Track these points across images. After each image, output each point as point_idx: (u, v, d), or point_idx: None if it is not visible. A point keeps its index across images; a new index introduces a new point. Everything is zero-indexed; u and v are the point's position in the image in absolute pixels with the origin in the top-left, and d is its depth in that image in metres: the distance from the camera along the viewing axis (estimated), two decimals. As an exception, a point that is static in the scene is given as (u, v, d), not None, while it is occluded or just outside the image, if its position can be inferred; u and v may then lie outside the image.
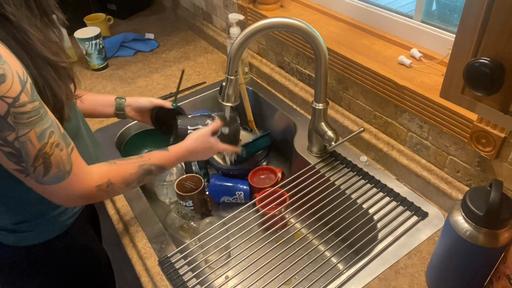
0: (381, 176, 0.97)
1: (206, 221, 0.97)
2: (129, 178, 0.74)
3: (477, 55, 0.42)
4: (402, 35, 0.99)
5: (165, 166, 0.82)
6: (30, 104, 0.57)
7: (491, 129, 0.72)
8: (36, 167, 0.60)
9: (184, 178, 1.07)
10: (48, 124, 0.60)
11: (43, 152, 0.60)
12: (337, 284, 0.76)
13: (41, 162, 0.60)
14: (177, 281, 0.78)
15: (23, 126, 0.57)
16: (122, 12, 1.86)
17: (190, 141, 0.88)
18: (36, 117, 0.58)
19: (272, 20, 0.82)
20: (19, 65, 0.56)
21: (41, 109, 0.59)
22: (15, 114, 0.55)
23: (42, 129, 0.59)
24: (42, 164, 0.60)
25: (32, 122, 0.57)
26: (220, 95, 0.89)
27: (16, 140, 0.57)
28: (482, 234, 0.61)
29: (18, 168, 0.60)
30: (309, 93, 1.19)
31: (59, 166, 0.62)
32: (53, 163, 0.61)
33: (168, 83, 1.39)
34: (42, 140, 0.59)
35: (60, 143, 0.62)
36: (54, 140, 0.61)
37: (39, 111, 0.58)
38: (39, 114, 0.58)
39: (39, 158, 0.60)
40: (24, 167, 0.60)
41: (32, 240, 0.79)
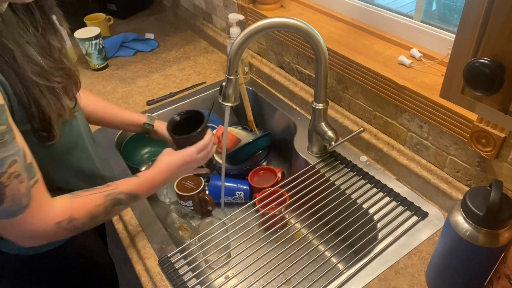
0: (381, 176, 0.97)
1: (206, 221, 0.97)
2: (94, 210, 0.68)
3: (477, 55, 0.42)
4: (402, 35, 0.99)
5: (136, 193, 0.75)
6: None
7: (491, 129, 0.72)
8: None
9: (184, 178, 1.07)
10: (11, 152, 0.54)
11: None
12: (337, 284, 0.76)
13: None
14: (177, 281, 0.78)
15: None
16: (122, 12, 1.86)
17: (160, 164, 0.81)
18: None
19: (272, 20, 0.82)
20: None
21: (7, 135, 0.54)
22: None
23: (3, 156, 0.53)
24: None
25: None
26: (220, 95, 0.89)
27: None
28: (482, 234, 0.61)
29: None
30: (309, 93, 1.19)
31: (14, 199, 0.56)
32: (7, 195, 0.55)
33: (168, 83, 1.39)
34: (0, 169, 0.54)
35: (21, 174, 0.56)
36: (15, 170, 0.55)
37: (3, 137, 0.53)
38: (2, 140, 0.53)
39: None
40: None
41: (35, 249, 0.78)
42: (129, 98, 1.33)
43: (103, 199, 0.69)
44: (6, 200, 0.55)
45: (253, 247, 0.83)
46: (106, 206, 0.69)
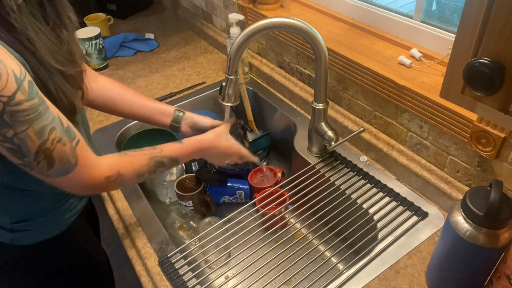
0: (381, 176, 0.97)
1: (206, 221, 0.97)
2: (139, 170, 0.74)
3: (477, 55, 0.42)
4: (402, 35, 0.99)
5: (178, 158, 0.81)
6: (27, 103, 0.56)
7: (491, 129, 0.72)
8: (38, 162, 0.61)
9: (184, 178, 1.07)
10: (48, 121, 0.60)
11: (43, 148, 0.60)
12: (337, 284, 0.76)
13: (43, 157, 0.61)
14: (177, 281, 0.78)
15: (21, 123, 0.57)
16: (122, 12, 1.86)
17: (207, 136, 0.86)
18: (34, 114, 0.57)
19: (272, 20, 0.82)
20: (16, 64, 0.56)
21: (40, 106, 0.58)
22: (11, 112, 0.55)
23: (41, 126, 0.59)
24: (45, 159, 0.61)
25: (30, 120, 0.57)
26: (220, 95, 0.89)
27: (14, 136, 0.57)
28: (482, 234, 0.61)
29: (21, 162, 0.61)
30: (309, 93, 1.19)
31: (62, 160, 0.63)
32: (56, 158, 0.62)
33: (168, 83, 1.39)
34: (41, 137, 0.59)
35: (62, 139, 0.62)
36: (56, 136, 0.61)
37: (38, 108, 0.58)
38: (38, 111, 0.58)
39: (40, 154, 0.60)
40: (27, 162, 0.61)
41: (30, 239, 0.79)
42: (129, 98, 1.33)
43: (148, 160, 0.75)
44: (56, 162, 0.62)
45: (253, 247, 0.83)
46: (150, 166, 0.75)
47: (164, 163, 0.78)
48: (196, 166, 1.16)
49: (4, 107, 0.55)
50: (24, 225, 0.77)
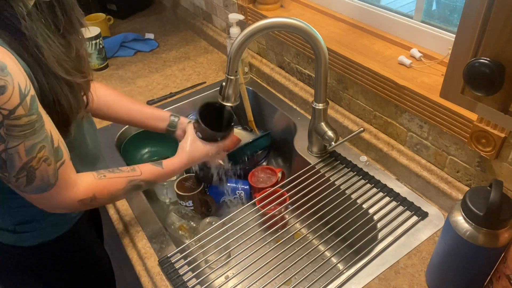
0: (381, 176, 0.97)
1: (206, 221, 0.97)
2: (115, 193, 0.74)
3: (477, 55, 0.42)
4: (402, 35, 0.99)
5: (156, 181, 0.82)
6: (26, 118, 0.56)
7: (491, 129, 0.72)
8: (18, 178, 0.60)
9: (184, 178, 1.07)
10: (40, 139, 0.59)
11: (29, 165, 0.59)
12: (337, 284, 0.76)
13: (24, 174, 0.60)
14: (177, 281, 0.78)
15: (14, 138, 0.56)
16: (122, 12, 1.86)
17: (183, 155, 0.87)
18: (28, 130, 0.57)
19: (272, 20, 0.82)
20: (23, 78, 0.56)
21: (37, 123, 0.58)
22: (8, 126, 0.55)
23: (33, 143, 0.58)
24: (25, 176, 0.60)
25: (24, 136, 0.57)
26: (220, 95, 0.89)
27: (4, 151, 0.57)
28: (482, 234, 0.61)
29: (0, 175, 0.60)
30: (309, 93, 1.19)
31: (43, 179, 0.62)
32: (37, 176, 0.61)
33: (168, 83, 1.39)
34: (30, 154, 0.59)
35: (48, 158, 0.61)
36: (43, 155, 0.60)
37: (34, 125, 0.58)
38: (33, 128, 0.58)
39: (23, 171, 0.60)
40: (6, 176, 0.60)
41: (32, 240, 0.79)
42: (129, 98, 1.33)
43: (125, 184, 0.75)
44: (36, 180, 0.62)
45: (253, 247, 0.83)
46: (126, 190, 0.76)
47: (141, 186, 0.79)
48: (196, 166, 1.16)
49: (3, 120, 0.54)
50: (26, 227, 0.77)
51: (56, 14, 0.62)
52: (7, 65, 0.54)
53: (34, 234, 0.79)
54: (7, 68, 0.54)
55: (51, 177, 0.63)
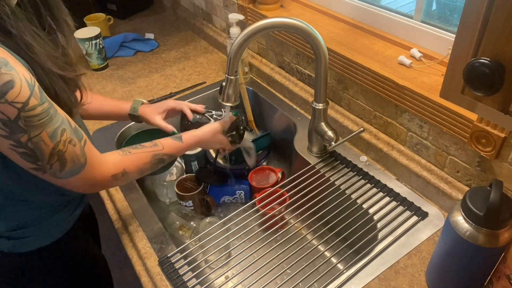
0: (381, 176, 0.97)
1: (206, 221, 0.98)
2: (143, 167, 0.77)
3: (477, 55, 0.42)
4: (402, 35, 0.99)
5: (177, 155, 0.85)
6: (40, 107, 0.58)
7: (491, 129, 0.72)
8: (52, 164, 0.62)
9: (184, 178, 1.07)
10: (59, 123, 0.61)
11: (57, 150, 0.61)
12: (337, 284, 0.76)
13: (56, 159, 0.62)
14: (177, 281, 0.78)
15: (35, 128, 0.58)
16: (122, 12, 1.86)
17: (203, 132, 0.91)
18: (46, 118, 0.59)
19: (272, 20, 0.82)
20: (26, 70, 0.57)
21: (51, 109, 0.60)
22: (26, 118, 0.57)
23: (53, 128, 0.60)
24: (58, 161, 0.62)
25: (43, 124, 0.59)
26: (220, 95, 0.89)
27: (29, 141, 0.58)
28: (482, 234, 0.61)
29: (34, 166, 0.62)
30: (309, 93, 1.19)
31: (74, 161, 0.64)
32: (68, 159, 0.63)
33: (168, 83, 1.39)
34: (54, 139, 0.61)
35: (72, 139, 0.63)
36: (67, 137, 0.62)
37: (49, 112, 0.59)
38: (49, 115, 0.59)
39: (54, 156, 0.61)
40: (40, 166, 0.62)
41: (28, 246, 0.78)
42: (129, 98, 1.33)
43: (150, 158, 0.79)
44: (68, 163, 0.64)
45: (253, 247, 0.83)
46: (152, 163, 0.79)
47: (165, 160, 0.82)
48: (196, 166, 1.16)
49: (19, 113, 0.56)
50: (21, 232, 0.76)
51: (40, 12, 0.62)
52: (8, 60, 0.55)
53: (30, 240, 0.78)
54: (9, 63, 0.55)
55: (80, 157, 0.65)
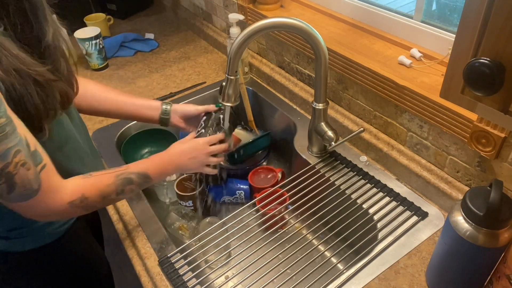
0: (381, 176, 0.97)
1: (206, 221, 0.98)
2: (105, 190, 0.71)
3: (477, 55, 0.42)
4: (402, 35, 0.99)
5: (147, 173, 0.77)
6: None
7: (491, 129, 0.72)
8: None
9: (184, 178, 1.07)
10: (13, 143, 0.57)
11: (6, 171, 0.57)
12: (337, 284, 0.76)
13: (3, 181, 0.58)
14: (177, 281, 0.78)
15: None
16: (122, 12, 1.86)
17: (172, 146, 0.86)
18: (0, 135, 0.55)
19: (272, 20, 0.82)
20: None
21: (7, 127, 0.56)
22: None
23: (6, 147, 0.56)
24: (5, 183, 0.58)
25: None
26: (220, 95, 0.89)
27: None
28: (482, 234, 0.61)
29: None
30: (309, 93, 1.19)
31: (24, 185, 0.60)
32: (17, 183, 0.59)
33: (168, 83, 1.39)
34: (4, 160, 0.57)
35: (27, 162, 0.59)
36: (20, 159, 0.58)
37: (4, 129, 0.55)
38: (4, 132, 0.55)
39: (1, 177, 0.58)
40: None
41: (27, 246, 0.78)
42: (129, 98, 1.33)
43: (113, 178, 0.73)
44: (17, 187, 0.60)
45: (253, 247, 0.83)
46: (117, 185, 0.73)
47: (132, 179, 0.75)
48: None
49: None
50: (19, 232, 0.76)
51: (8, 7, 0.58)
52: None
53: (28, 239, 0.77)
54: None
55: (33, 182, 0.61)
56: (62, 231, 0.82)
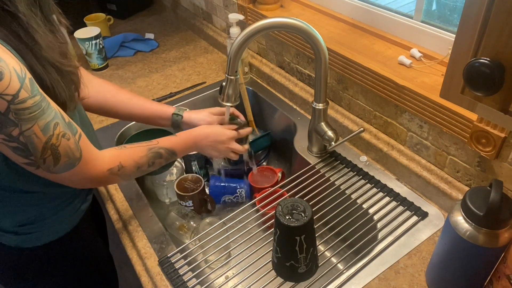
0: (381, 176, 0.97)
1: (206, 221, 0.97)
2: (139, 161, 0.76)
3: (477, 55, 0.42)
4: (402, 35, 0.99)
5: (174, 149, 0.82)
6: (31, 100, 0.57)
7: (491, 129, 0.72)
8: (45, 159, 0.61)
9: (184, 178, 1.07)
10: (51, 117, 0.60)
11: (50, 144, 0.61)
12: (337, 284, 0.76)
13: (49, 153, 0.61)
14: (177, 281, 0.78)
15: (26, 121, 0.57)
16: (122, 12, 1.86)
17: (200, 127, 0.89)
18: (37, 111, 0.58)
19: (272, 20, 0.82)
20: (16, 62, 0.56)
21: (43, 103, 0.59)
22: (16, 111, 0.56)
23: (45, 122, 0.59)
24: (51, 155, 0.61)
25: (35, 117, 0.58)
26: (220, 95, 0.89)
27: (20, 135, 0.58)
28: (482, 234, 0.61)
29: (27, 161, 0.61)
30: (309, 93, 1.19)
31: (68, 155, 0.64)
32: (61, 153, 0.62)
33: (168, 83, 1.39)
34: (47, 133, 0.60)
35: (66, 133, 0.63)
36: (60, 131, 0.61)
37: (41, 105, 0.58)
38: (41, 108, 0.58)
39: (47, 150, 0.61)
40: (33, 160, 0.61)
41: (34, 242, 0.79)
42: (129, 98, 1.33)
43: (146, 151, 0.77)
44: (62, 157, 0.63)
45: (253, 247, 0.83)
46: (149, 157, 0.78)
47: (162, 154, 0.80)
48: (196, 166, 1.16)
49: (9, 105, 0.55)
50: (28, 228, 0.77)
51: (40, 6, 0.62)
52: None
53: (37, 235, 0.78)
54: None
55: (75, 151, 0.64)
56: (71, 226, 0.83)
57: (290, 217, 0.67)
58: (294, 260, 0.71)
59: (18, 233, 0.77)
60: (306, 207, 0.68)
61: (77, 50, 1.52)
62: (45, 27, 0.63)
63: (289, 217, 0.67)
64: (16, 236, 0.77)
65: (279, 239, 0.70)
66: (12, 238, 0.77)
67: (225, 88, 0.88)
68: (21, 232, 0.77)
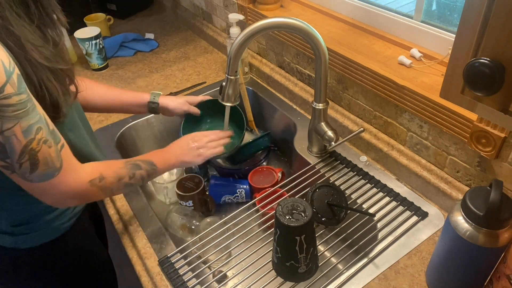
0: (381, 176, 0.97)
1: (206, 221, 0.98)
2: (119, 172, 0.74)
3: (477, 55, 0.42)
4: (402, 35, 0.99)
5: (151, 160, 0.81)
6: (16, 97, 0.54)
7: (491, 129, 0.72)
8: (21, 163, 0.58)
9: (184, 178, 1.07)
10: (35, 120, 0.57)
11: (29, 148, 0.57)
12: (337, 284, 0.76)
13: (27, 158, 0.58)
14: (177, 281, 0.78)
15: (8, 119, 0.54)
16: (122, 12, 1.86)
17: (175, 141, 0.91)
18: (22, 110, 0.55)
19: (272, 20, 0.82)
20: (5, 55, 0.54)
21: (28, 103, 0.56)
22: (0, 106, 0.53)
23: (28, 124, 0.56)
24: (28, 160, 0.58)
25: (18, 116, 0.55)
26: (220, 95, 0.89)
27: (0, 134, 0.55)
28: (482, 234, 0.61)
29: (3, 164, 0.58)
30: (309, 93, 1.19)
31: (47, 163, 0.60)
32: (40, 160, 0.59)
33: (168, 83, 1.39)
34: (28, 136, 0.57)
35: (48, 140, 0.60)
36: (42, 136, 0.58)
37: (26, 105, 0.56)
38: (26, 108, 0.56)
39: (25, 154, 0.57)
40: (9, 163, 0.58)
41: (30, 242, 0.79)
42: (129, 98, 1.33)
43: (124, 163, 0.76)
44: (40, 165, 0.59)
45: (253, 247, 0.83)
46: (128, 169, 0.76)
47: (140, 165, 0.78)
48: (196, 166, 1.16)
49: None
50: (23, 228, 0.77)
51: (29, 7, 0.60)
52: None
53: (33, 235, 0.78)
54: None
55: (55, 160, 0.61)
56: (67, 227, 0.83)
57: (290, 217, 0.67)
58: (294, 260, 0.71)
59: (13, 233, 0.76)
60: (306, 207, 0.68)
61: (77, 50, 1.52)
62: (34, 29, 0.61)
63: (289, 217, 0.67)
64: (12, 237, 0.77)
65: (279, 239, 0.70)
66: (8, 239, 0.77)
67: (225, 88, 0.88)
68: (16, 233, 0.77)
